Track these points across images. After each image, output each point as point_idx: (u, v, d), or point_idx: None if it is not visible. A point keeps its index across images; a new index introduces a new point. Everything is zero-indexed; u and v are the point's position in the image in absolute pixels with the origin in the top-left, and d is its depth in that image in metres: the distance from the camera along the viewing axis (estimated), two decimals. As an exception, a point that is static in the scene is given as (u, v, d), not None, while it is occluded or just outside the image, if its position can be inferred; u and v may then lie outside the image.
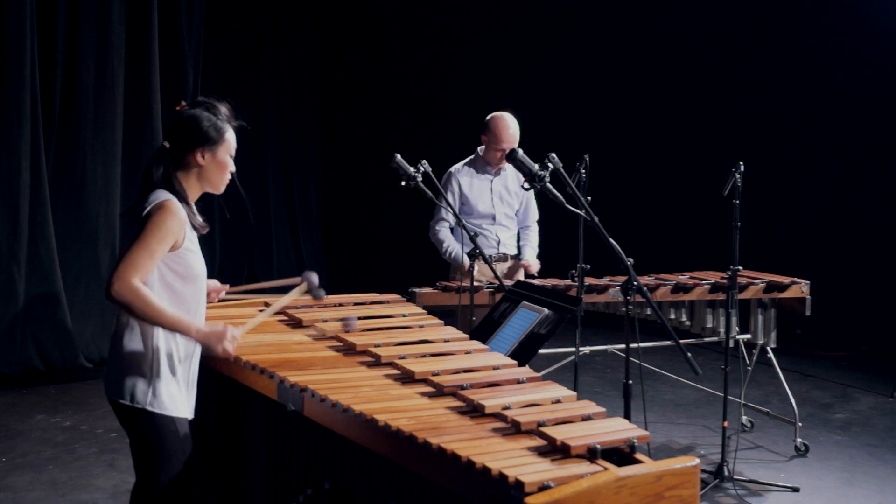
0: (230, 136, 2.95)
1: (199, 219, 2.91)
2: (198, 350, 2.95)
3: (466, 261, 4.94)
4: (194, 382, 2.98)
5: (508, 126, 5.01)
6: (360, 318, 3.51)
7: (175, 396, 2.85)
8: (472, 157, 5.21)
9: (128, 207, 2.93)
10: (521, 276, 5.27)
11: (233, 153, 2.96)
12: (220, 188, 2.98)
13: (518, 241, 5.34)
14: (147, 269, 2.73)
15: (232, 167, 2.97)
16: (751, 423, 5.55)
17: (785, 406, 5.38)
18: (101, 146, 6.83)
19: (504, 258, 5.21)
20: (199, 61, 7.56)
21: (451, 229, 5.17)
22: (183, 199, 2.86)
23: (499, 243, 5.19)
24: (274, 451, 3.02)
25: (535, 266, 5.21)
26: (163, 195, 2.82)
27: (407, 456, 2.36)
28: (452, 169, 5.18)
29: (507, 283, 4.47)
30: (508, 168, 5.11)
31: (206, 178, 2.92)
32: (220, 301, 3.45)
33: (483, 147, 5.13)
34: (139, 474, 2.91)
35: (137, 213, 2.81)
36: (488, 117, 5.09)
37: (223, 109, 2.96)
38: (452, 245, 5.10)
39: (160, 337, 2.82)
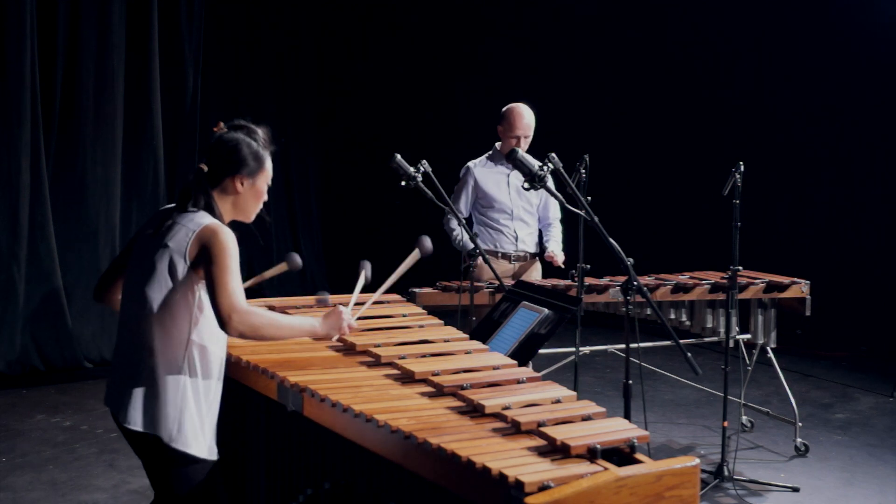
0: (269, 165, 2.88)
1: None
2: (219, 386, 2.83)
3: (469, 245, 4.96)
4: (214, 420, 2.82)
5: (523, 115, 5.02)
6: (359, 319, 3.51)
7: (202, 434, 2.72)
8: (490, 151, 5.21)
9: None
10: (538, 273, 5.26)
11: (269, 182, 2.89)
12: (251, 217, 2.91)
13: (540, 238, 5.33)
14: (241, 289, 2.64)
15: (265, 196, 2.90)
16: (751, 423, 5.55)
17: (785, 406, 5.38)
18: (101, 146, 6.84)
19: (522, 257, 5.20)
20: (199, 61, 7.56)
21: (467, 220, 5.19)
22: (222, 221, 2.78)
23: (517, 239, 5.17)
24: (274, 451, 3.02)
25: (559, 257, 5.15)
26: (206, 218, 2.72)
27: (407, 456, 2.36)
28: (470, 163, 5.19)
29: (508, 283, 4.47)
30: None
31: (240, 207, 2.85)
32: None
33: (500, 142, 5.13)
34: (163, 496, 2.82)
35: (169, 232, 2.71)
36: (504, 108, 5.09)
37: (261, 134, 2.88)
38: (460, 234, 5.08)
39: (189, 369, 2.70)
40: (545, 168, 3.34)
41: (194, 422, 2.70)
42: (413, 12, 9.31)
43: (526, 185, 3.39)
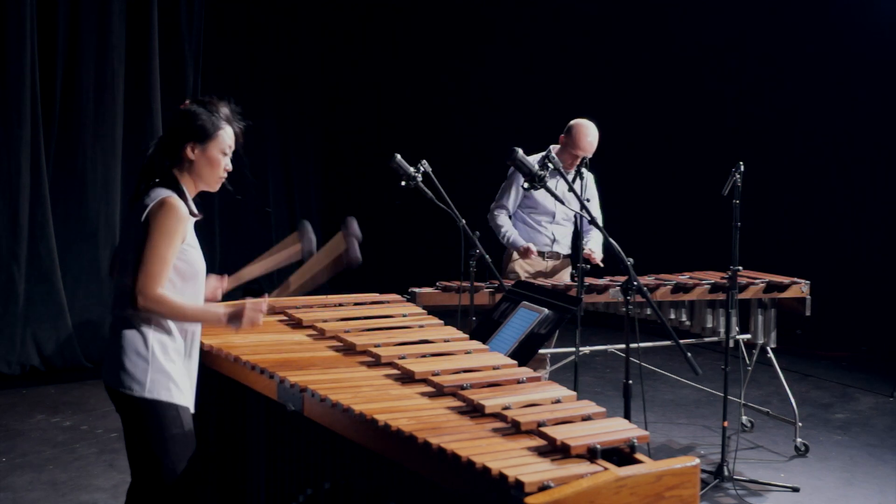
0: (224, 134, 2.93)
1: (192, 206, 2.91)
2: (197, 338, 2.96)
3: (522, 243, 5.14)
4: (194, 371, 2.98)
5: (588, 134, 5.07)
6: (359, 319, 3.51)
7: (174, 384, 2.85)
8: (543, 153, 5.18)
9: (130, 198, 2.95)
10: (567, 274, 5.29)
11: (227, 151, 2.95)
12: (214, 186, 2.99)
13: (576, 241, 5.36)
14: (165, 274, 2.77)
15: (227, 165, 2.96)
16: (751, 423, 5.55)
17: (785, 406, 5.38)
18: (101, 146, 6.84)
19: (556, 256, 5.30)
20: (199, 61, 7.57)
21: (510, 216, 5.29)
22: (181, 193, 2.87)
23: (553, 241, 5.26)
24: (274, 451, 3.01)
25: (597, 256, 5.11)
26: (162, 192, 2.83)
27: (407, 456, 2.36)
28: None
29: (507, 283, 4.47)
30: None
31: (197, 175, 2.93)
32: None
33: (559, 147, 5.14)
34: (138, 469, 2.90)
35: (137, 209, 2.83)
36: (572, 122, 5.15)
37: (223, 108, 2.96)
38: (510, 230, 5.22)
39: (157, 326, 2.84)
40: (545, 168, 3.34)
41: (169, 375, 2.84)
42: (413, 12, 9.31)
43: (526, 184, 3.40)
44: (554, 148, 5.19)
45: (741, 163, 4.54)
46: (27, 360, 6.54)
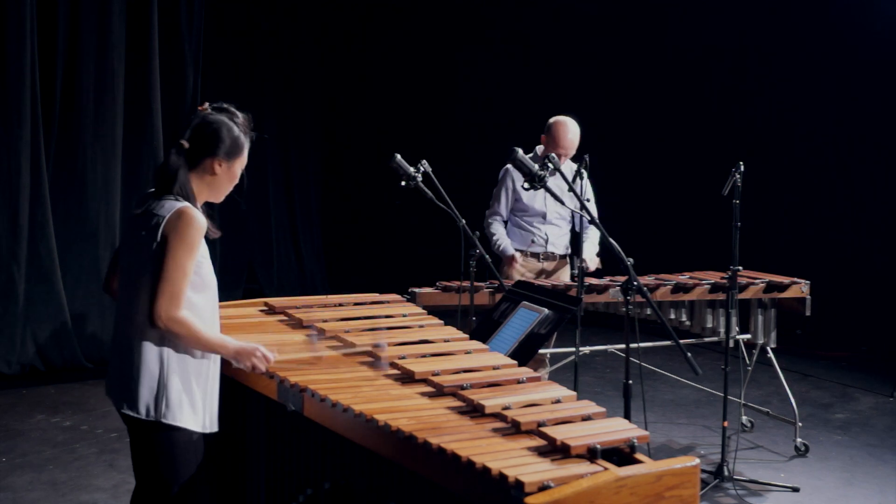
0: (246, 151, 2.91)
1: (211, 223, 2.83)
2: (216, 360, 2.88)
3: (511, 252, 5.20)
4: (214, 394, 2.87)
5: (568, 131, 5.05)
6: (360, 319, 3.51)
7: (187, 406, 2.75)
8: (530, 154, 5.20)
9: (132, 204, 2.89)
10: (566, 276, 5.28)
11: (243, 167, 2.92)
12: (221, 198, 2.94)
13: (575, 240, 5.36)
14: (185, 292, 2.69)
15: (237, 179, 2.93)
16: (751, 423, 5.55)
17: (785, 406, 5.38)
18: (101, 146, 6.83)
19: (552, 257, 5.30)
20: (199, 61, 7.56)
21: (505, 222, 5.33)
22: (194, 203, 2.80)
23: (547, 242, 5.26)
24: (274, 451, 3.02)
25: (592, 264, 5.13)
26: (175, 203, 2.75)
27: (407, 456, 2.36)
28: (509, 165, 5.20)
29: (507, 283, 4.48)
30: (568, 170, 5.06)
31: (215, 188, 2.87)
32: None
33: (542, 147, 5.14)
34: (144, 482, 2.83)
35: (147, 220, 2.74)
36: (551, 120, 5.14)
37: (242, 119, 2.91)
38: (503, 239, 5.26)
39: (173, 344, 2.74)
40: (545, 168, 3.34)
41: (183, 398, 2.75)
42: (414, 12, 9.31)
43: (526, 185, 3.40)
44: (539, 149, 5.20)
45: (741, 163, 4.54)
46: (27, 360, 6.53)
